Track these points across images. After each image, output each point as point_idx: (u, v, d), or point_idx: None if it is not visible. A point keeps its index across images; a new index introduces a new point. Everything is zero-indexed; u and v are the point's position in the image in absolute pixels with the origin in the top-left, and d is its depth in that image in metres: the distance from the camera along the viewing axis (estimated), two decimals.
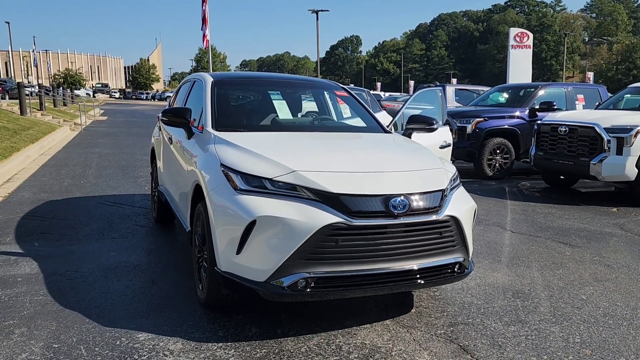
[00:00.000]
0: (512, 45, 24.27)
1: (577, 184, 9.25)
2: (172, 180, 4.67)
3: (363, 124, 4.61)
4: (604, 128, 7.52)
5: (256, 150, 3.36)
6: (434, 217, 3.14)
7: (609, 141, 7.44)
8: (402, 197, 3.04)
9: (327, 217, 2.91)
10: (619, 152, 7.41)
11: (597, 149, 7.58)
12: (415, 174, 3.31)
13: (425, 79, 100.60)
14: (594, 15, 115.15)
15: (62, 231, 5.46)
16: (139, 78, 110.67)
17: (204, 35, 41.80)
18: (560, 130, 8.12)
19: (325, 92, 5.10)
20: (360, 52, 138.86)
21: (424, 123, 4.49)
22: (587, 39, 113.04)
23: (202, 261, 3.59)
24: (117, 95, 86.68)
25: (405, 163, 3.50)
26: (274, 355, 2.94)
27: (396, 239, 3.05)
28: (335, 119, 5.04)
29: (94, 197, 7.24)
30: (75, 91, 51.14)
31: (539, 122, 8.82)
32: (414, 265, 3.10)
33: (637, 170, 7.37)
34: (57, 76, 75.54)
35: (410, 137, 4.48)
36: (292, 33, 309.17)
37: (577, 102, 10.60)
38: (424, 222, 3.10)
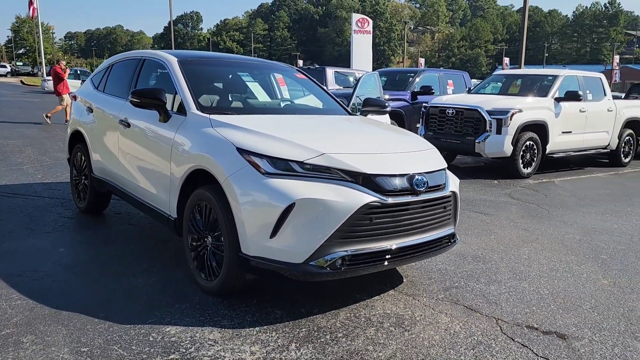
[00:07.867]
0: (355, 30, 25.37)
1: (455, 161, 10.38)
2: (134, 169, 4.33)
3: (324, 106, 4.75)
4: (486, 110, 8.58)
5: (271, 133, 3.35)
6: (443, 193, 3.47)
7: (490, 122, 8.53)
8: (422, 176, 3.31)
9: (364, 197, 3.07)
10: (499, 131, 8.54)
11: (480, 129, 8.64)
12: (422, 154, 3.60)
13: (269, 59, 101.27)
14: (418, 5, 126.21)
15: None
16: None
17: (30, 2, 37.05)
18: (448, 112, 9.06)
19: (274, 74, 5.13)
20: (201, 29, 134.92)
21: (378, 106, 4.83)
22: (412, 27, 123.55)
23: (202, 249, 3.50)
24: None
25: (408, 144, 3.77)
26: (316, 333, 3.04)
27: (415, 215, 3.32)
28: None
29: None
30: None
31: (426, 104, 9.68)
32: (426, 237, 3.41)
33: (512, 147, 8.57)
34: None
35: None
36: (123, 5, 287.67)
37: (448, 87, 11.82)
38: (437, 197, 3.42)
